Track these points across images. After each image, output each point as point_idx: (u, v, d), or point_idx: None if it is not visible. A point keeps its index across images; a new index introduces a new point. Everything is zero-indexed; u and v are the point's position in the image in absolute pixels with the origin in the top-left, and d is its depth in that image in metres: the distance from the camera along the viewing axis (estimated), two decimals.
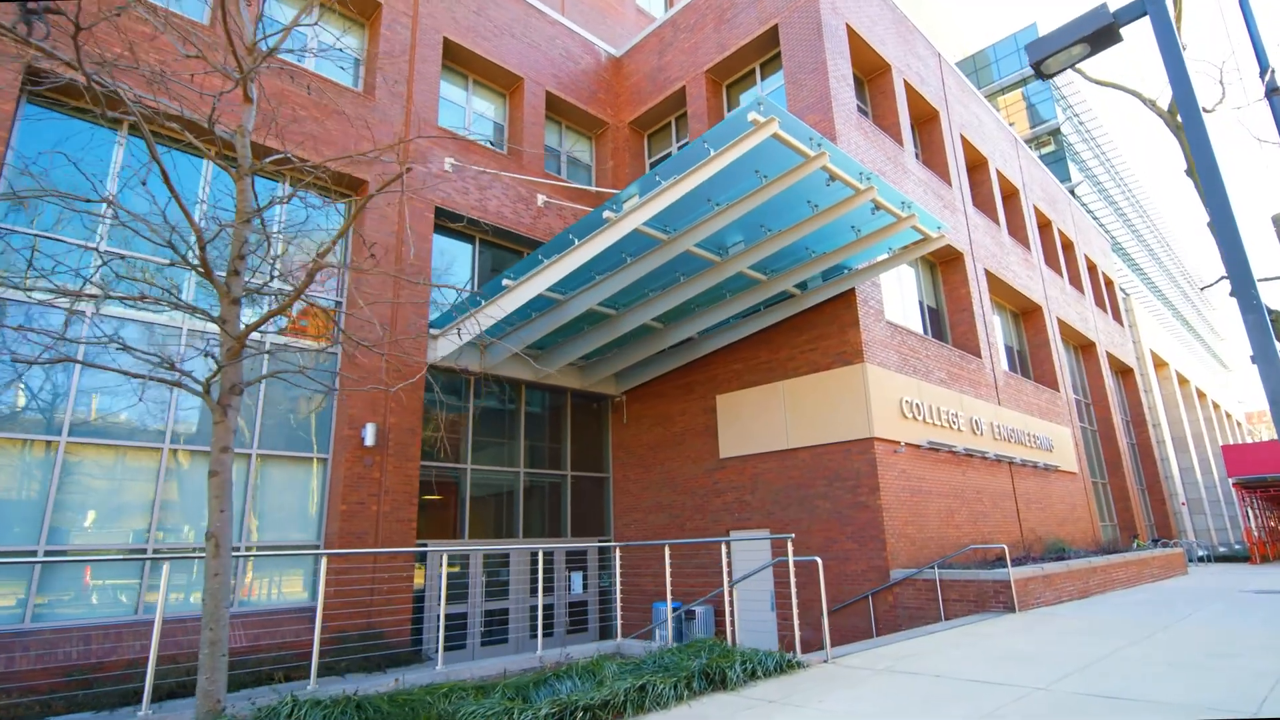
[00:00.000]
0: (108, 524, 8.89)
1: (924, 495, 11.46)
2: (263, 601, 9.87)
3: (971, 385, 14.26)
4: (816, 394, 11.50)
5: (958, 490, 12.53)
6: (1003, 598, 8.93)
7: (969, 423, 13.48)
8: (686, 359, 13.39)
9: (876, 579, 10.21)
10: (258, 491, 10.07)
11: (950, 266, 15.73)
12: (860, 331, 11.17)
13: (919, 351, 12.72)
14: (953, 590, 9.42)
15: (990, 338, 15.82)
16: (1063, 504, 16.86)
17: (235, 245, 4.61)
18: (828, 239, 10.31)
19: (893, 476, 10.79)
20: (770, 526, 11.72)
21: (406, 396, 11.53)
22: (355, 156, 6.85)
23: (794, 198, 9.17)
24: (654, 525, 13.75)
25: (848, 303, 11.47)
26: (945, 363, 13.54)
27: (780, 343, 12.31)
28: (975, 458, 13.42)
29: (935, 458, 12.14)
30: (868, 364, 11.01)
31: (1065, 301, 21.56)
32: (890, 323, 12.19)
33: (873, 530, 10.38)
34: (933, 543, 11.25)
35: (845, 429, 10.99)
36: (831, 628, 10.28)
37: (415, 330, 11.89)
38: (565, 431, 14.56)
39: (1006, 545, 11.95)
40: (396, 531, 10.96)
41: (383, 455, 11.07)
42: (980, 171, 18.66)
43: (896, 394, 11.50)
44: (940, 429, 12.42)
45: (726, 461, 12.67)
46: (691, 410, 13.51)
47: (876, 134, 13.51)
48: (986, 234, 17.22)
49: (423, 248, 12.31)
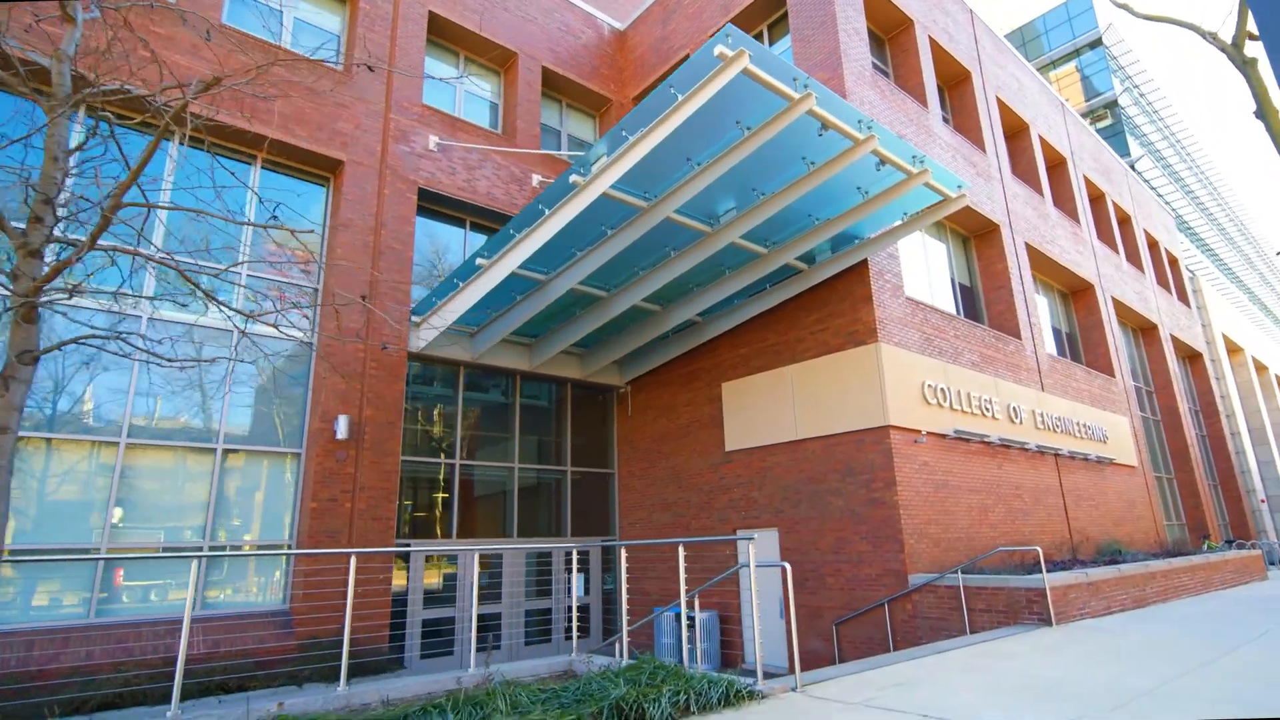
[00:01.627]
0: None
1: (951, 491, 10.22)
2: (225, 605, 9.31)
3: (1009, 369, 12.86)
4: (826, 379, 10.38)
5: (992, 485, 11.22)
6: (1037, 608, 7.70)
7: (1006, 410, 12.11)
8: (690, 344, 12.40)
9: (893, 585, 9.06)
10: (223, 488, 9.53)
11: (985, 240, 14.31)
12: (874, 308, 10.00)
13: (945, 331, 11.45)
14: (979, 599, 8.22)
15: (1032, 317, 14.34)
16: (1119, 501, 15.22)
17: (44, 187, 3.90)
18: (830, 202, 9.20)
19: (912, 470, 9.60)
20: (779, 525, 10.65)
21: (385, 388, 10.88)
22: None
23: (785, 154, 8.12)
24: (658, 524, 12.80)
25: (860, 276, 10.31)
26: (978, 344, 12.21)
27: (788, 324, 11.21)
28: (1013, 449, 12.05)
29: (965, 449, 10.86)
30: (882, 344, 9.84)
31: (1121, 280, 19.71)
32: (911, 299, 10.96)
33: (889, 529, 9.23)
34: (961, 544, 10.01)
35: (858, 417, 9.85)
36: (843, 639, 9.18)
37: (395, 316, 11.22)
38: (565, 425, 13.74)
39: (1041, 547, 10.64)
40: (373, 530, 10.29)
41: (358, 449, 10.42)
42: (1020, 138, 17.09)
43: (918, 377, 10.28)
44: (971, 417, 11.13)
45: (733, 455, 11.64)
46: (697, 400, 12.52)
47: (897, 94, 12.27)
48: (1027, 205, 15.70)
49: (403, 231, 11.64)
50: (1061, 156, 18.57)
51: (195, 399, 9.61)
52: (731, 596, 11.17)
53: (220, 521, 9.45)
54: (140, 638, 8.45)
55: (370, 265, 11.16)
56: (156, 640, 8.50)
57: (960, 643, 6.78)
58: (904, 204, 9.52)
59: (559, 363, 13.08)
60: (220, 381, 9.75)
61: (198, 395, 9.63)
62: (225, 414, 9.70)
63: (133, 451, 8.98)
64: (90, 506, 8.61)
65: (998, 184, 14.65)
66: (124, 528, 8.80)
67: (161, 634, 8.61)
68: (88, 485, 8.65)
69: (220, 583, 9.39)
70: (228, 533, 9.51)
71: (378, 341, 10.93)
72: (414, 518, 11.44)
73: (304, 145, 10.84)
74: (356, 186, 11.32)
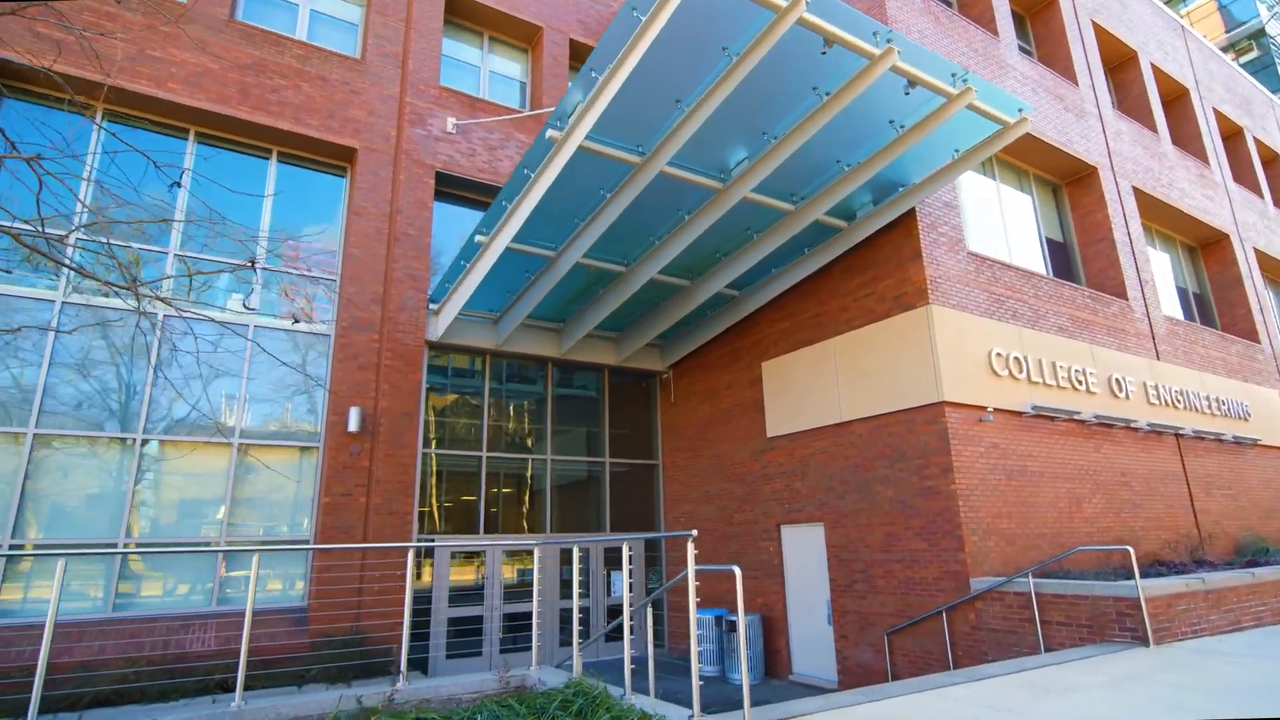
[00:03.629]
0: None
1: (1029, 478, 8.59)
2: (240, 601, 9.17)
3: (1111, 334, 10.86)
4: (871, 351, 9.02)
5: (1088, 471, 9.41)
6: (1130, 623, 6.12)
7: (1106, 383, 10.20)
8: (729, 321, 11.30)
9: (953, 590, 7.64)
10: (239, 484, 9.43)
11: (1080, 187, 12.25)
12: (924, 265, 8.55)
13: (1022, 291, 9.73)
14: (1055, 609, 6.69)
15: (1143, 274, 12.14)
16: (1266, 490, 12.66)
17: None
18: (858, 142, 7.88)
19: (975, 453, 8.10)
20: (824, 519, 9.39)
21: (402, 378, 10.52)
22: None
23: (790, 84, 6.93)
24: (703, 519, 11.78)
25: (907, 231, 8.87)
26: (1066, 305, 10.35)
27: (830, 291, 9.89)
28: (1117, 428, 10.12)
29: (1049, 428, 9.15)
30: (934, 306, 8.38)
31: (1268, 228, 16.61)
32: (976, 255, 9.36)
33: (946, 524, 7.81)
34: (1045, 541, 8.38)
35: (907, 393, 8.45)
36: (896, 652, 7.87)
37: (412, 304, 10.85)
38: (603, 414, 12.97)
39: (1158, 545, 8.80)
40: (389, 526, 9.94)
41: (373, 442, 10.10)
42: (1127, 69, 14.66)
43: (983, 345, 8.72)
44: (1057, 390, 9.38)
45: (775, 441, 10.45)
46: (738, 382, 11.40)
47: (958, 22, 10.61)
48: (1136, 144, 13.37)
49: (420, 217, 11.25)
50: (1183, 88, 15.83)
51: (213, 392, 9.57)
52: (776, 599, 10.01)
53: (237, 517, 9.35)
54: (153, 633, 8.45)
55: (385, 253, 10.85)
56: (169, 635, 8.47)
57: (1007, 668, 5.37)
58: (953, 138, 8.03)
59: (591, 348, 12.33)
60: (237, 376, 9.69)
61: (215, 389, 9.59)
62: (242, 408, 9.62)
63: (150, 446, 9.01)
64: (109, 502, 8.68)
65: (1094, 120, 12.51)
66: (142, 524, 8.84)
67: (176, 629, 8.59)
68: (112, 479, 8.71)
69: (236, 579, 9.28)
70: (246, 529, 9.40)
71: (393, 331, 10.60)
72: (440, 513, 11.03)
73: (314, 135, 10.65)
74: (370, 174, 11.04)
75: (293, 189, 10.87)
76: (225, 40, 10.38)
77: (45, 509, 8.39)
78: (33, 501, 8.31)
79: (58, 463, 8.51)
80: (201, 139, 10.36)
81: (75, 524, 8.47)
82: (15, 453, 8.25)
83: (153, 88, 9.68)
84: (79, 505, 8.56)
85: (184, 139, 10.21)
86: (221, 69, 10.22)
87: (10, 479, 8.16)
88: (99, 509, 8.63)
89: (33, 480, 8.31)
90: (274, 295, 10.35)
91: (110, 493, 8.69)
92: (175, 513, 9.10)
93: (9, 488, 8.13)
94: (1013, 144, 11.08)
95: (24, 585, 8.18)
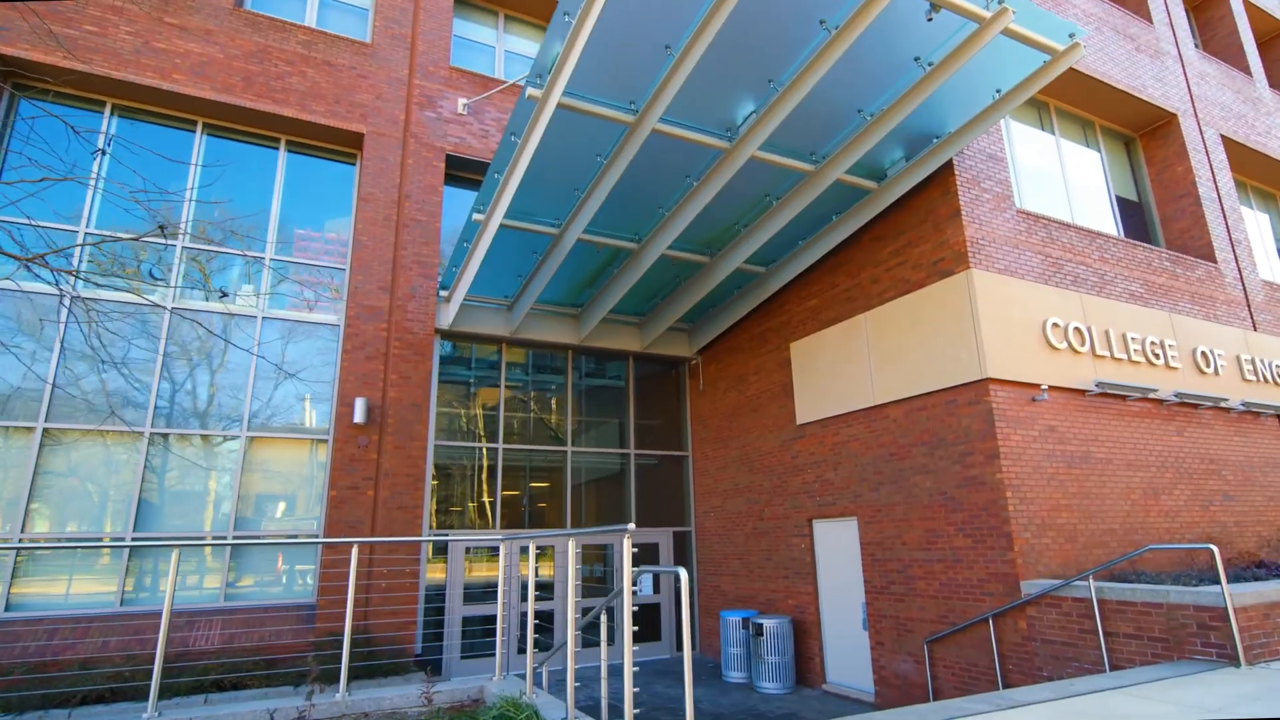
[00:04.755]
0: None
1: (1094, 466, 7.47)
2: (247, 597, 8.99)
3: (1196, 302, 9.49)
4: (906, 325, 8.05)
5: (1167, 458, 8.17)
6: (1215, 637, 5.05)
7: (1190, 357, 8.88)
8: (756, 301, 10.47)
9: (1001, 593, 6.66)
10: (245, 477, 9.25)
11: (1156, 138, 10.82)
12: (963, 225, 7.53)
13: (1084, 253, 8.54)
14: (1121, 618, 5.64)
15: (1235, 233, 10.62)
16: None
17: None
18: (881, 85, 6.95)
19: (1026, 437, 7.06)
20: (858, 513, 8.48)
21: (411, 368, 10.16)
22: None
23: (793, 22, 6.10)
24: (732, 513, 11.00)
25: (944, 187, 7.86)
26: (1140, 269, 9.06)
27: (860, 263, 8.95)
28: (1204, 408, 8.79)
29: (1119, 409, 7.97)
30: (975, 270, 7.36)
31: None
32: (1027, 213, 8.24)
33: (992, 519, 6.82)
34: (1114, 538, 7.26)
35: (946, 370, 7.47)
36: (938, 663, 6.95)
37: (422, 293, 10.48)
38: (628, 404, 12.33)
39: (1264, 544, 7.56)
40: (398, 520, 9.59)
41: (380, 434, 9.77)
42: (1213, 5, 12.98)
43: (1036, 314, 7.64)
44: (1127, 365, 8.18)
45: (805, 428, 9.58)
46: (766, 366, 10.56)
47: None
48: (1223, 88, 11.77)
49: (429, 201, 10.88)
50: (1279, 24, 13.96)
51: (222, 384, 9.42)
52: (809, 600, 9.15)
53: (245, 511, 9.18)
54: (156, 630, 8.31)
55: (393, 240, 10.51)
56: (175, 632, 8.33)
57: (1046, 692, 4.38)
58: (993, 75, 7.00)
59: (612, 334, 11.72)
60: (245, 369, 9.52)
61: (224, 380, 9.44)
62: (250, 399, 9.44)
63: (159, 441, 8.92)
64: (112, 495, 8.62)
65: (1172, 62, 11.04)
66: (146, 517, 8.75)
67: (180, 625, 8.45)
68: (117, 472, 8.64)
69: (242, 574, 9.10)
70: (255, 523, 9.22)
71: (402, 320, 10.25)
72: (454, 507, 10.63)
73: (320, 121, 10.40)
74: (378, 159, 10.72)
75: (303, 179, 10.67)
76: (230, 28, 10.23)
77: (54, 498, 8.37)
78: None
79: (66, 455, 8.49)
80: (210, 131, 10.25)
81: (89, 517, 8.43)
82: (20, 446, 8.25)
83: (158, 79, 9.60)
84: (84, 497, 8.52)
85: (192, 131, 10.12)
86: (226, 58, 10.08)
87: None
88: (102, 501, 8.57)
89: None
90: (284, 286, 10.15)
91: (117, 485, 8.62)
92: (178, 507, 8.98)
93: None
94: (1075, 92, 9.84)
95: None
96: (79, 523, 8.48)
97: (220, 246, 9.85)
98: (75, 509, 8.49)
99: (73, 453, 8.55)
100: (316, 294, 10.35)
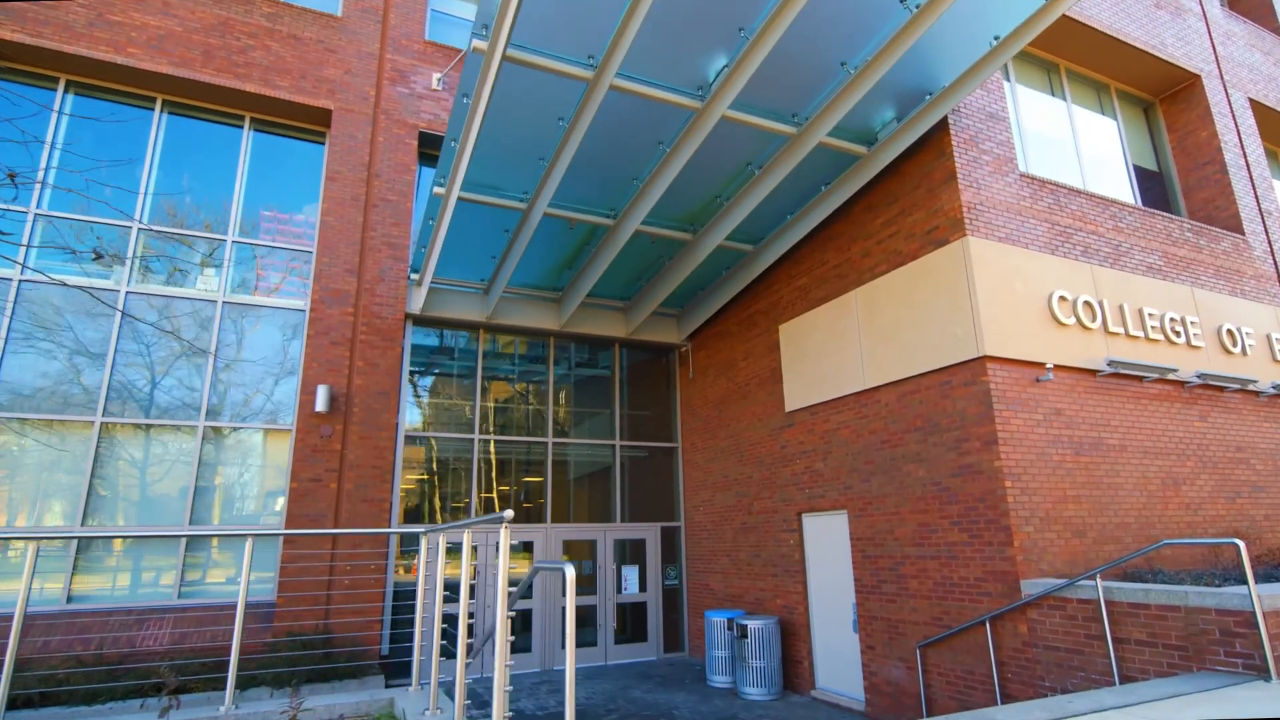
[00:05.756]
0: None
1: (1105, 453, 6.77)
2: (203, 594, 8.54)
3: (1221, 276, 8.71)
4: (898, 300, 7.39)
5: (1189, 445, 7.44)
6: (1241, 645, 4.38)
7: (1215, 335, 8.12)
8: (744, 281, 9.85)
9: (1000, 594, 6.00)
10: (202, 469, 8.81)
11: (1178, 101, 10.02)
12: (959, 189, 6.85)
13: (1095, 220, 7.81)
14: (1133, 622, 4.97)
15: (1265, 203, 9.80)
16: None
17: None
18: (863, 33, 6.29)
19: (1029, 421, 6.38)
20: (848, 506, 7.84)
21: (379, 354, 9.67)
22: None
23: None
24: (721, 507, 10.40)
25: (938, 148, 7.18)
26: (1159, 240, 8.31)
27: (851, 236, 8.30)
28: (1229, 391, 8.04)
29: (1134, 391, 7.25)
30: (972, 238, 6.68)
31: None
32: (1030, 176, 7.54)
33: (990, 510, 6.16)
34: (1128, 533, 6.56)
35: (939, 349, 6.80)
36: (931, 669, 6.32)
37: (391, 276, 9.98)
38: (614, 393, 11.75)
39: (1252, 542, 6.89)
40: (364, 513, 9.11)
41: (345, 423, 9.29)
42: None
43: (1041, 287, 6.94)
44: (1144, 343, 7.45)
45: (794, 416, 8.95)
46: (755, 350, 9.93)
47: None
48: (1252, 48, 10.93)
49: (401, 180, 10.38)
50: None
51: (179, 372, 8.99)
52: (798, 600, 8.53)
53: (201, 504, 8.74)
54: (108, 627, 7.90)
55: (362, 220, 10.02)
56: (124, 631, 7.91)
57: (1039, 712, 3.74)
58: (990, 20, 6.32)
59: (596, 318, 11.15)
60: (204, 356, 9.08)
61: (182, 368, 9.00)
62: (208, 387, 8.99)
63: (111, 430, 8.50)
64: (60, 488, 8.21)
65: (1195, 20, 10.22)
66: (95, 510, 8.34)
67: (129, 624, 8.03)
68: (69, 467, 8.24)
69: (198, 570, 8.65)
70: (211, 517, 8.77)
71: (370, 304, 9.76)
72: (427, 501, 10.13)
73: (285, 97, 9.92)
74: (346, 136, 10.23)
75: (270, 159, 10.21)
76: (190, 0, 9.79)
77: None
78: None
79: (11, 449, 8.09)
80: (171, 109, 9.81)
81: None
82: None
83: (111, 53, 9.17)
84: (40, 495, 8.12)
85: (150, 109, 9.69)
86: (185, 31, 9.63)
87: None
88: (63, 496, 8.17)
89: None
90: (247, 271, 9.69)
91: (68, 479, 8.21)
92: (138, 502, 8.56)
93: None
94: (1088, 51, 9.10)
95: None
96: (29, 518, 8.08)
97: (180, 229, 9.42)
98: (17, 503, 8.10)
99: (21, 441, 8.15)
100: (283, 277, 9.89)
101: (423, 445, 10.20)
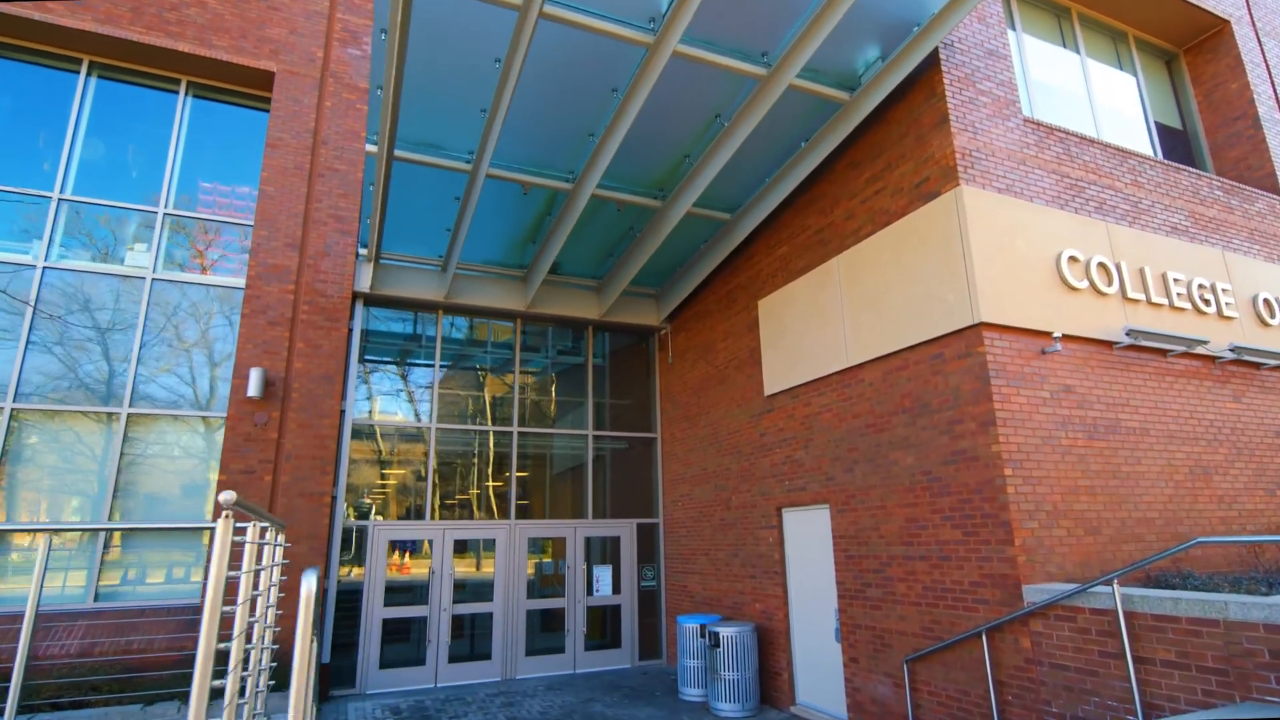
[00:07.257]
0: None
1: (1124, 437, 5.83)
2: (126, 596, 7.79)
3: (1256, 239, 7.73)
4: (884, 265, 6.48)
5: (1222, 429, 6.48)
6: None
7: (1249, 305, 7.14)
8: (722, 254, 8.98)
9: (999, 601, 5.09)
10: (127, 461, 8.05)
11: (1205, 51, 9.02)
12: (951, 133, 5.93)
13: (1111, 174, 6.85)
14: (1159, 639, 4.06)
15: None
16: None
17: None
18: None
19: (1034, 399, 5.46)
20: (830, 499, 6.94)
21: (321, 335, 8.88)
22: None
23: None
24: (700, 501, 9.53)
25: (928, 89, 6.26)
26: (1185, 197, 7.34)
27: (834, 197, 7.39)
28: (1267, 368, 7.05)
29: (1157, 365, 6.30)
30: (966, 188, 5.77)
31: None
32: (1036, 122, 6.59)
33: (986, 504, 5.25)
34: (1151, 530, 5.62)
35: (929, 317, 5.89)
36: (920, 686, 5.44)
37: (338, 251, 9.19)
38: (586, 380, 10.90)
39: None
40: (302, 509, 8.32)
41: (282, 410, 8.51)
42: None
43: (1049, 245, 6.01)
44: (1168, 311, 6.49)
45: (774, 400, 8.06)
46: (735, 330, 9.05)
47: None
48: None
49: (350, 149, 9.58)
50: None
51: (101, 354, 8.24)
52: (777, 604, 7.64)
53: (123, 498, 7.98)
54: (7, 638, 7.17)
55: (305, 191, 9.23)
56: None
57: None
58: None
59: (564, 298, 10.31)
60: (129, 337, 8.33)
61: (104, 349, 8.26)
62: (133, 373, 8.24)
63: (22, 417, 7.77)
64: None
65: None
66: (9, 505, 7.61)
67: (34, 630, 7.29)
68: None
69: (116, 570, 7.90)
70: (133, 511, 8.02)
71: (312, 281, 8.97)
72: (376, 495, 9.33)
73: (223, 58, 9.15)
74: (290, 100, 9.45)
75: (209, 127, 9.45)
76: None
77: None
78: None
79: None
80: (100, 72, 9.07)
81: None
82: None
83: (28, 10, 8.43)
84: None
85: (76, 73, 8.94)
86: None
87: None
88: None
89: None
90: (177, 245, 8.94)
91: None
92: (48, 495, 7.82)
93: None
94: None
95: None
96: None
97: (106, 200, 8.68)
98: None
99: None
100: (222, 253, 9.13)
101: (379, 437, 9.41)
